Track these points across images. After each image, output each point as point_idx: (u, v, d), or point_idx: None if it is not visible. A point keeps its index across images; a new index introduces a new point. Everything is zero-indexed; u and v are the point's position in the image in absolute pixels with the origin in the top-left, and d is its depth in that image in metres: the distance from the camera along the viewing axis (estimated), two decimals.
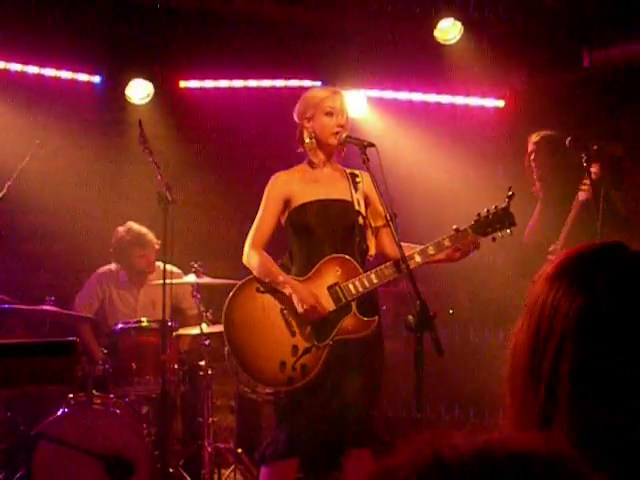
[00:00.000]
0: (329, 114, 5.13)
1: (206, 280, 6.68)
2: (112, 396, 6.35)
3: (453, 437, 1.14)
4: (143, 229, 7.39)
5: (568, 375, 1.51)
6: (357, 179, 5.27)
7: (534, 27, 8.42)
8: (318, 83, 8.01)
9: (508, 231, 5.05)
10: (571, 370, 1.51)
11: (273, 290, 5.06)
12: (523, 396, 1.58)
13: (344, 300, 4.98)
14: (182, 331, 6.81)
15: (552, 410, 1.52)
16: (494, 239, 5.06)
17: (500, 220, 5.03)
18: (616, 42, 8.47)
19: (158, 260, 7.41)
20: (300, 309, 4.93)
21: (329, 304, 5.00)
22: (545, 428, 1.50)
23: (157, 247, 7.35)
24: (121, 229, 7.38)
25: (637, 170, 7.32)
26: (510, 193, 5.03)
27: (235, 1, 8.35)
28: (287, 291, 5.00)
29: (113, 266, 7.58)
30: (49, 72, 8.09)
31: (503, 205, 5.03)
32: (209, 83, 8.65)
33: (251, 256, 5.14)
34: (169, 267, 6.55)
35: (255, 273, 5.12)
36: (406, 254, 4.70)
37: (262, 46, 8.41)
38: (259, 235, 5.19)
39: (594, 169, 6.08)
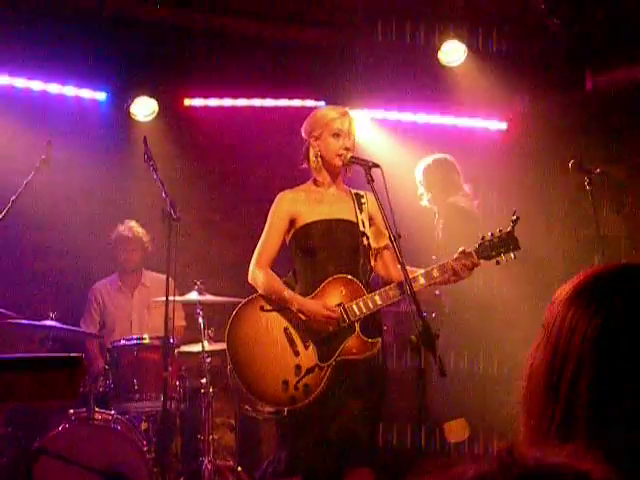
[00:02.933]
0: (336, 135, 5.14)
1: (208, 298, 6.69)
2: (113, 412, 6.35)
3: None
4: (130, 225, 7.50)
5: (586, 395, 1.52)
6: (362, 200, 5.28)
7: (537, 50, 8.47)
8: (322, 103, 8.04)
9: (512, 255, 5.06)
10: (589, 390, 1.52)
11: (277, 309, 5.06)
12: (540, 416, 1.59)
13: (348, 321, 4.98)
14: (184, 348, 6.82)
15: (570, 430, 1.53)
16: (498, 262, 5.08)
17: (504, 244, 5.04)
18: (618, 65, 8.51)
19: (154, 271, 7.50)
20: (314, 322, 4.94)
21: (333, 324, 5.00)
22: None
23: (145, 245, 7.47)
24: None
25: None
26: (514, 217, 5.04)
27: (240, 21, 8.38)
28: (294, 308, 5.01)
29: (109, 278, 7.66)
30: (54, 88, 8.12)
31: (507, 229, 5.04)
32: (213, 101, 8.68)
33: (257, 274, 5.15)
34: (162, 276, 6.63)
35: (261, 291, 5.13)
36: (410, 276, 4.70)
37: (266, 66, 8.45)
38: (265, 254, 5.20)
39: None
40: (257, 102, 8.68)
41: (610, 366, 1.53)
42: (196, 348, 6.66)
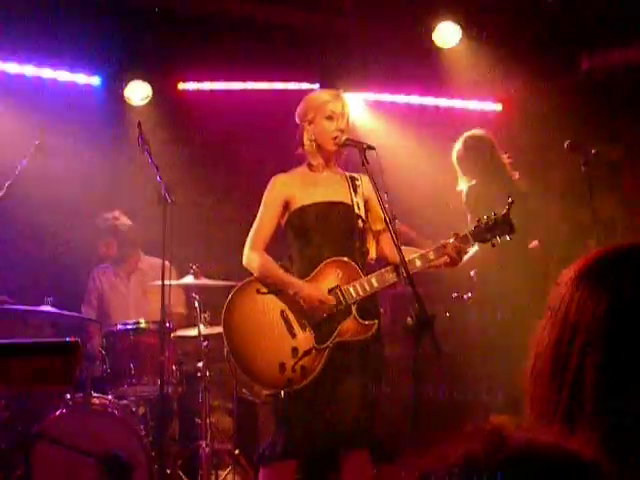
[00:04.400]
0: (330, 118, 5.14)
1: (204, 281, 6.69)
2: (110, 397, 6.35)
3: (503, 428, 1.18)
4: (105, 217, 7.50)
5: (594, 375, 1.51)
6: (357, 182, 5.28)
7: (532, 31, 8.44)
8: (316, 86, 8.03)
9: (507, 237, 5.07)
10: (597, 370, 1.51)
11: (273, 291, 5.06)
12: (546, 398, 1.59)
13: (344, 303, 4.98)
14: (180, 332, 6.82)
15: (576, 410, 1.52)
16: (494, 245, 5.09)
17: (500, 227, 5.05)
18: (614, 45, 8.49)
19: (153, 256, 7.50)
20: (306, 306, 4.94)
21: (330, 306, 5.00)
22: (568, 429, 1.51)
23: (124, 234, 7.47)
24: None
25: (636, 172, 7.34)
26: (510, 200, 5.04)
27: (234, 3, 8.35)
28: (290, 291, 5.01)
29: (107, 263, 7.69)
30: (47, 73, 8.10)
31: (503, 212, 5.05)
32: (207, 85, 8.67)
33: (251, 258, 5.14)
34: (161, 261, 6.66)
35: (256, 274, 5.13)
36: (406, 258, 4.70)
37: (260, 49, 8.42)
38: (259, 237, 5.20)
39: None
40: (251, 85, 8.67)
41: (619, 345, 1.52)
42: (193, 332, 6.66)
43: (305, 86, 8.32)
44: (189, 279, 6.67)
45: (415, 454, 1.22)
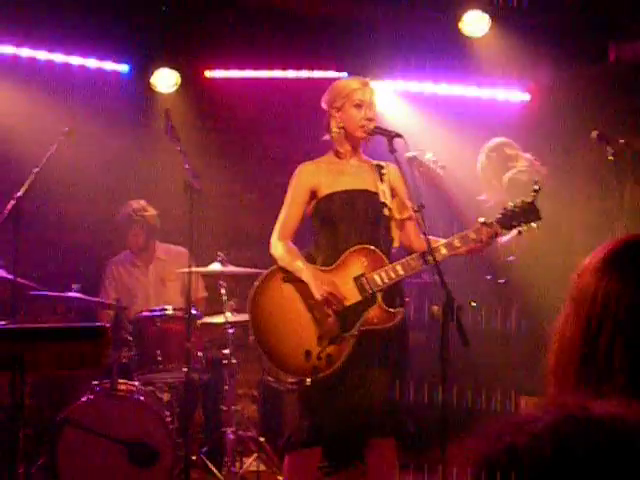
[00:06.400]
0: (358, 106, 5.13)
1: (231, 269, 6.71)
2: (136, 383, 6.38)
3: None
4: (133, 207, 7.49)
5: (624, 361, 1.51)
6: (383, 170, 5.26)
7: (561, 20, 8.40)
8: (343, 74, 8.01)
9: (534, 225, 5.04)
10: (626, 356, 1.51)
11: (299, 280, 5.06)
12: (575, 388, 1.59)
13: (370, 291, 4.98)
14: (207, 319, 6.84)
15: (604, 395, 1.52)
16: (520, 232, 5.06)
17: (525, 214, 5.01)
18: None
19: (176, 244, 7.52)
20: (317, 296, 4.95)
21: (355, 295, 4.99)
22: None
23: (151, 223, 7.47)
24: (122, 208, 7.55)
25: None
26: (536, 187, 5.02)
27: None
28: (305, 278, 5.01)
29: (124, 253, 7.70)
30: (76, 61, 8.14)
31: (529, 199, 5.02)
32: (234, 73, 8.68)
33: (276, 247, 5.15)
34: (176, 248, 6.71)
35: (279, 263, 5.14)
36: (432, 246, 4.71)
37: (288, 37, 8.44)
38: (285, 226, 5.20)
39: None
40: (278, 73, 8.67)
41: None
42: (219, 319, 6.68)
43: (332, 74, 8.30)
44: (216, 266, 6.69)
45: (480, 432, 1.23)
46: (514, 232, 5.13)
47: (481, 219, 5.01)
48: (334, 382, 4.94)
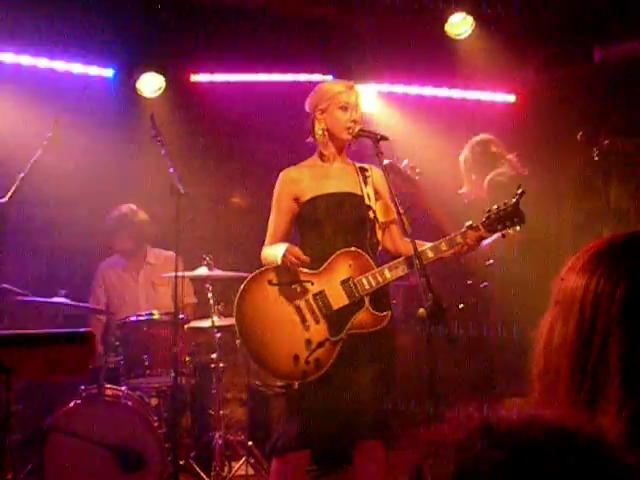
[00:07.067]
0: (343, 108, 5.13)
1: (217, 273, 6.69)
2: (123, 388, 6.37)
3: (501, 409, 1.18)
4: (122, 212, 7.48)
5: (617, 362, 1.50)
6: (367, 173, 5.27)
7: (545, 22, 8.42)
8: (329, 77, 8.01)
9: (518, 228, 5.07)
10: (621, 354, 1.50)
11: (286, 282, 5.05)
12: (567, 391, 1.58)
13: (358, 295, 4.98)
14: (194, 324, 6.82)
15: (599, 398, 1.51)
16: (504, 235, 5.08)
17: (510, 217, 5.04)
18: (627, 37, 8.46)
19: (162, 247, 7.51)
20: (279, 262, 4.94)
21: (343, 298, 4.99)
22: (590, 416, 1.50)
23: (140, 228, 7.46)
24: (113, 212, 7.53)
25: None
26: (520, 190, 5.03)
27: None
28: (271, 255, 5.05)
29: (114, 257, 7.67)
30: (60, 65, 8.11)
31: (513, 202, 5.04)
32: (220, 77, 8.66)
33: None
34: (167, 253, 6.68)
35: (263, 262, 5.15)
36: (418, 249, 4.71)
37: (273, 40, 8.42)
38: (274, 236, 5.22)
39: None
40: (264, 77, 8.67)
41: None
42: (206, 323, 6.67)
43: (317, 78, 8.30)
44: (203, 270, 6.67)
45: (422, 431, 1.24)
46: (497, 235, 5.14)
47: (468, 223, 5.03)
48: (322, 385, 4.93)
